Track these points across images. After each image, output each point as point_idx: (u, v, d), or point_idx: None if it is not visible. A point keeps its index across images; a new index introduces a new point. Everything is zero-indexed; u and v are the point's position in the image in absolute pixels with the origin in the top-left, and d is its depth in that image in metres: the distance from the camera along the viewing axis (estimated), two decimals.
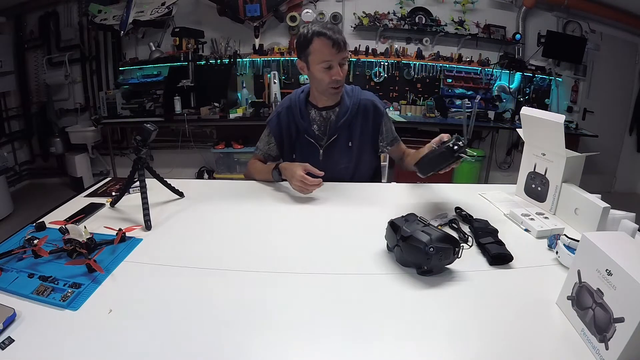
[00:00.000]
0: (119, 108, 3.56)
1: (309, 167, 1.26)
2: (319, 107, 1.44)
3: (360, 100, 1.44)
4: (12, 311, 0.64)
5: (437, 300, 0.73)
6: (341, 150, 1.44)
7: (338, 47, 1.28)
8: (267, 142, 1.52)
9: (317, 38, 1.28)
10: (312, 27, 1.31)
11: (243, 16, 3.49)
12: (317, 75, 1.33)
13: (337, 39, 1.27)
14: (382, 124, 1.47)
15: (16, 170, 3.88)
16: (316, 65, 1.31)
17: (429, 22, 3.69)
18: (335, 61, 1.30)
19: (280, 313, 0.69)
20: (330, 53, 1.28)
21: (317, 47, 1.29)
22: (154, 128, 1.05)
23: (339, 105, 1.43)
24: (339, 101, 1.43)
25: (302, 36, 1.33)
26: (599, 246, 0.61)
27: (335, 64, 1.30)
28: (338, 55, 1.29)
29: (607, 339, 0.57)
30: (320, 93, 1.40)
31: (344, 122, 1.41)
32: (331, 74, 1.31)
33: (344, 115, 1.41)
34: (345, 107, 1.42)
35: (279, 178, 1.34)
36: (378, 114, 1.46)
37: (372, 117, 1.45)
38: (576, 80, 3.91)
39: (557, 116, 1.05)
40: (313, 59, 1.31)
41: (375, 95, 1.50)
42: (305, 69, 1.37)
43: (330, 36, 1.27)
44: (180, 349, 0.60)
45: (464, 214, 1.08)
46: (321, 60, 1.30)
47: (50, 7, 3.67)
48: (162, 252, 0.90)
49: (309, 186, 1.22)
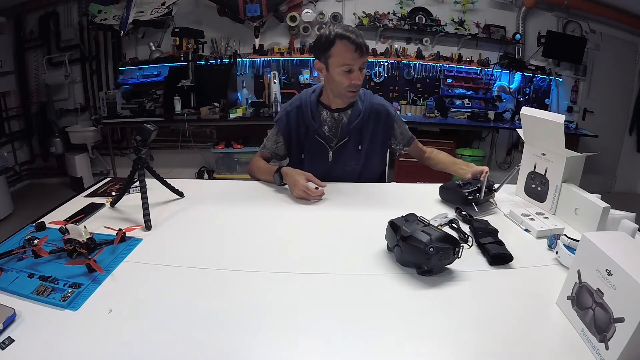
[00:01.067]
0: (119, 108, 3.55)
1: (311, 177, 1.26)
2: (331, 108, 1.43)
3: (372, 104, 1.43)
4: (12, 311, 0.64)
5: (437, 300, 0.73)
6: (350, 153, 1.43)
7: (360, 52, 1.26)
8: (275, 141, 1.50)
9: (340, 41, 1.25)
10: (335, 29, 1.27)
11: (243, 16, 3.49)
12: (337, 78, 1.31)
13: (360, 43, 1.25)
14: (394, 128, 1.47)
15: (16, 170, 3.88)
16: (336, 68, 1.29)
17: (429, 22, 3.69)
18: (356, 65, 1.28)
19: (281, 313, 0.69)
20: (353, 57, 1.26)
21: (339, 49, 1.26)
22: (154, 128, 1.05)
23: (351, 107, 1.42)
24: (352, 104, 1.42)
25: (323, 37, 1.30)
26: (599, 246, 0.61)
27: (356, 68, 1.28)
28: (360, 59, 1.27)
29: (607, 339, 0.57)
30: (336, 96, 1.38)
31: (356, 125, 1.41)
32: (351, 78, 1.29)
33: (356, 118, 1.40)
34: (357, 110, 1.41)
35: (280, 182, 1.32)
36: (390, 118, 1.45)
37: (383, 122, 1.45)
38: (576, 80, 3.91)
39: (557, 116, 1.05)
40: (334, 62, 1.29)
41: (386, 100, 1.50)
42: (324, 70, 1.34)
43: (354, 40, 1.24)
44: (181, 348, 0.60)
45: (464, 214, 1.08)
46: (342, 64, 1.27)
47: (50, 7, 3.67)
48: (162, 252, 0.90)
49: (311, 197, 1.21)
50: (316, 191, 1.22)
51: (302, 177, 1.24)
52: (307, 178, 1.25)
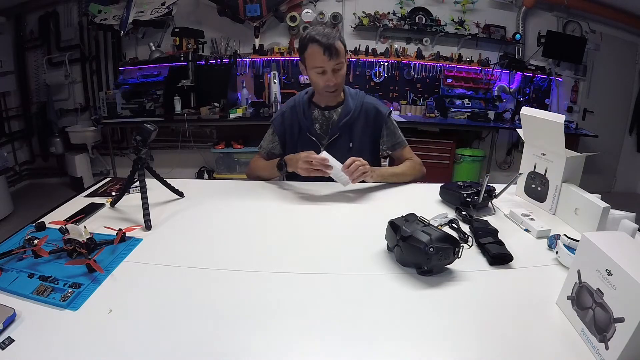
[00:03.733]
0: (119, 108, 3.56)
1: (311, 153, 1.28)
2: (321, 106, 1.48)
3: (363, 103, 1.48)
4: (12, 311, 0.64)
5: (437, 300, 0.73)
6: (342, 150, 1.44)
7: (330, 54, 1.30)
8: (270, 141, 1.55)
9: (311, 44, 1.32)
10: (309, 32, 1.33)
11: (243, 16, 3.49)
12: (313, 79, 1.39)
13: (329, 46, 1.29)
14: (383, 128, 1.49)
15: (16, 170, 3.88)
16: (311, 70, 1.36)
17: (429, 22, 3.69)
18: (328, 67, 1.33)
19: (281, 313, 0.69)
20: (322, 60, 1.31)
21: (310, 52, 1.33)
22: (154, 128, 1.05)
23: (341, 105, 1.47)
24: (342, 101, 1.47)
25: (300, 40, 1.37)
26: (599, 246, 0.61)
27: (329, 69, 1.33)
28: (330, 62, 1.31)
29: (607, 339, 0.57)
30: (319, 94, 1.45)
31: (346, 123, 1.44)
32: (325, 80, 1.35)
33: (346, 116, 1.45)
34: (348, 108, 1.45)
35: (284, 169, 1.36)
36: (380, 117, 1.48)
37: (373, 120, 1.48)
38: (576, 80, 3.91)
39: (557, 116, 1.05)
40: (308, 64, 1.36)
41: (381, 102, 1.53)
42: (305, 71, 1.42)
43: (323, 43, 1.29)
44: (181, 348, 0.60)
45: (464, 214, 1.08)
46: (314, 66, 1.34)
47: (50, 7, 3.67)
48: (162, 252, 0.90)
49: (315, 164, 1.22)
50: (318, 156, 1.24)
51: (301, 153, 1.28)
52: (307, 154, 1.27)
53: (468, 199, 1.11)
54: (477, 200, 1.11)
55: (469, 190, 1.12)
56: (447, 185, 1.22)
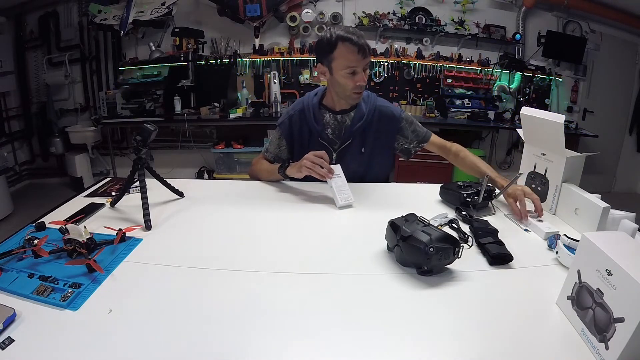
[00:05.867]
0: (119, 108, 3.55)
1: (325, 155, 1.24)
2: (334, 110, 1.41)
3: (376, 106, 1.41)
4: (12, 311, 0.64)
5: (437, 300, 0.73)
6: (353, 155, 1.42)
7: (363, 53, 1.25)
8: (277, 145, 1.49)
9: (342, 43, 1.24)
10: (336, 32, 1.25)
11: (243, 16, 3.49)
12: (341, 81, 1.29)
13: (362, 45, 1.24)
14: (403, 128, 1.44)
15: (16, 170, 3.88)
16: (340, 71, 1.28)
17: (429, 22, 3.69)
18: (360, 67, 1.27)
19: (280, 313, 0.69)
20: (356, 59, 1.25)
21: (342, 52, 1.25)
22: (154, 128, 1.05)
23: (354, 109, 1.41)
24: (355, 105, 1.40)
25: (324, 40, 1.28)
26: (599, 246, 0.61)
27: (360, 69, 1.27)
28: (363, 61, 1.26)
29: (607, 339, 0.57)
30: (342, 98, 1.37)
31: (359, 127, 1.39)
32: (355, 80, 1.28)
33: (359, 120, 1.39)
34: (361, 112, 1.39)
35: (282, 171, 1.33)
36: (395, 120, 1.43)
37: (387, 123, 1.43)
38: (576, 80, 3.91)
39: (557, 116, 1.05)
40: (337, 65, 1.27)
41: (389, 103, 1.47)
42: (327, 74, 1.33)
43: (356, 42, 1.23)
44: (181, 348, 0.60)
45: (464, 214, 1.08)
46: (346, 66, 1.26)
47: (50, 7, 3.68)
48: (162, 252, 0.90)
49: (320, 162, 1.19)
50: (322, 152, 1.21)
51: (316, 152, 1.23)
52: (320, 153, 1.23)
53: (468, 199, 1.11)
54: (477, 200, 1.11)
55: (469, 191, 1.13)
56: (447, 185, 1.22)
